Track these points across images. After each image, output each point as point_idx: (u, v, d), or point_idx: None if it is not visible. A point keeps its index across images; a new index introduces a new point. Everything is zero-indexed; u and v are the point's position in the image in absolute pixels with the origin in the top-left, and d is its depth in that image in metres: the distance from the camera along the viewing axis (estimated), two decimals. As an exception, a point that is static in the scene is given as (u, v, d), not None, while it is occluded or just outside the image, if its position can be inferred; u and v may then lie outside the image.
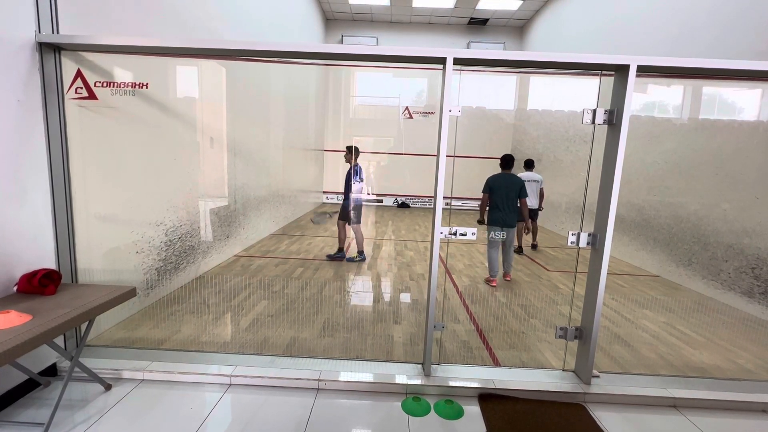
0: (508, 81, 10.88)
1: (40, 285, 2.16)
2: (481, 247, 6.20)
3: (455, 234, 2.48)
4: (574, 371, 2.68)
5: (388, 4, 10.44)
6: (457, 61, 2.32)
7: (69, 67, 2.49)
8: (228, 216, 5.15)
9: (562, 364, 2.83)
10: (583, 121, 2.41)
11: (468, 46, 11.71)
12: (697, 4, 5.35)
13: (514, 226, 4.72)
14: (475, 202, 9.36)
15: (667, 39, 5.86)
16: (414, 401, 2.37)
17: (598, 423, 2.25)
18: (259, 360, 2.69)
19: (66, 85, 2.48)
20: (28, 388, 2.32)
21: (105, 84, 2.59)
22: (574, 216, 7.36)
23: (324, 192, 10.81)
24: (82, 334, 2.25)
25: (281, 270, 4.97)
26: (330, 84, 11.45)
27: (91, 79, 2.54)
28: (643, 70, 2.32)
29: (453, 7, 10.43)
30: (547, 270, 5.54)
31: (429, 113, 10.85)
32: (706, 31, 5.16)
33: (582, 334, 2.60)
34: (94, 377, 2.37)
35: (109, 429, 2.07)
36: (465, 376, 2.57)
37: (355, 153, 5.42)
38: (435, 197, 2.41)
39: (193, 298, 3.95)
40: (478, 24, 11.57)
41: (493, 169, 4.79)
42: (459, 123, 2.48)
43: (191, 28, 4.15)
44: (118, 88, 2.62)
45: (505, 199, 4.54)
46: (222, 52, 2.52)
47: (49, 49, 2.37)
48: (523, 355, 3.04)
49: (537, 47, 10.70)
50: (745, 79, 4.30)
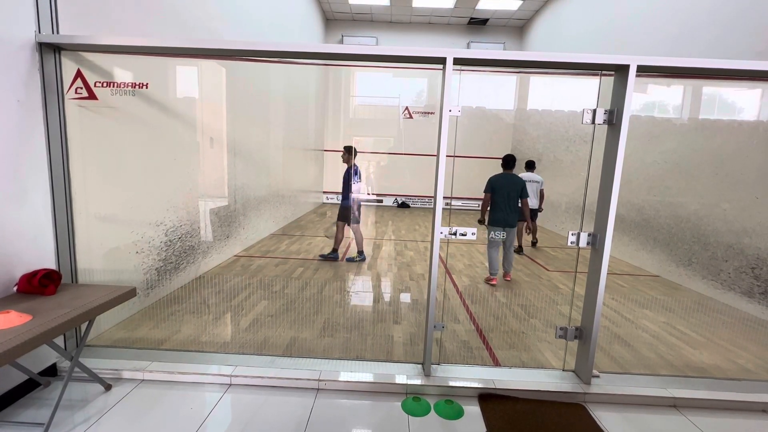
0: (508, 81, 10.89)
1: (40, 285, 2.17)
2: (481, 247, 6.20)
3: (455, 234, 2.48)
4: (574, 371, 2.68)
5: (388, 4, 10.44)
6: (457, 61, 2.32)
7: (69, 67, 2.49)
8: (228, 216, 5.15)
9: (562, 364, 2.83)
10: (583, 121, 2.41)
11: (468, 46, 11.72)
12: (697, 4, 5.35)
13: (515, 226, 4.74)
14: (475, 202, 9.41)
15: (667, 39, 5.86)
16: (414, 401, 2.37)
17: (598, 423, 2.26)
18: (259, 360, 2.69)
19: (66, 85, 2.48)
20: (28, 388, 2.32)
21: (105, 84, 2.59)
22: (574, 216, 7.36)
23: (324, 192, 10.81)
24: (82, 334, 2.25)
25: (281, 270, 4.98)
26: (330, 84, 11.45)
27: (91, 79, 2.54)
28: (643, 70, 2.32)
29: (453, 7, 10.43)
30: (547, 270, 5.54)
31: (429, 113, 10.86)
32: (706, 31, 5.17)
33: (582, 334, 2.60)
34: (94, 377, 2.37)
35: (109, 429, 2.07)
36: (465, 376, 2.57)
37: (354, 153, 5.42)
38: (435, 197, 2.41)
39: (193, 298, 3.95)
40: (478, 24, 11.58)
41: (493, 169, 4.79)
42: (459, 123, 2.48)
43: (191, 28, 4.16)
44: (118, 88, 2.62)
45: (507, 199, 4.55)
46: (222, 52, 2.52)
47: (49, 49, 2.37)
48: (523, 355, 3.04)
49: (537, 47, 10.70)
50: (745, 79, 4.30)
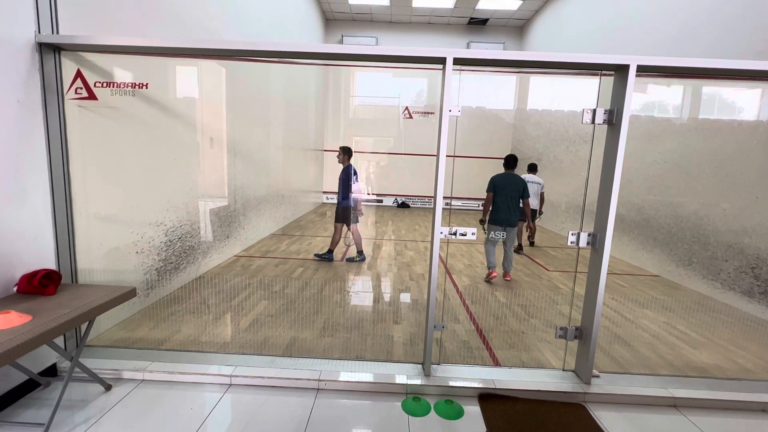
0: (508, 81, 10.89)
1: (40, 285, 2.17)
2: (481, 247, 6.19)
3: (455, 234, 2.48)
4: (574, 371, 2.68)
5: (388, 4, 10.44)
6: (457, 61, 2.32)
7: (69, 68, 2.48)
8: (228, 216, 5.15)
9: (562, 364, 2.83)
10: (583, 121, 2.41)
11: (468, 46, 11.72)
12: (697, 4, 5.35)
13: (516, 226, 4.75)
14: (475, 202, 9.40)
15: (667, 39, 5.86)
16: (414, 401, 2.37)
17: (598, 423, 2.26)
18: (259, 360, 2.69)
19: (66, 86, 2.48)
20: (28, 388, 2.32)
21: (105, 84, 2.59)
22: (574, 216, 7.36)
23: (324, 192, 10.80)
24: (82, 334, 2.25)
25: (281, 270, 4.97)
26: (330, 84, 11.45)
27: (90, 79, 2.54)
28: (643, 70, 2.32)
29: (453, 7, 10.43)
30: (547, 270, 5.54)
31: (429, 113, 10.85)
32: (706, 31, 5.17)
33: (582, 334, 2.60)
34: (94, 377, 2.37)
35: (109, 429, 2.07)
36: (465, 376, 2.57)
37: (350, 153, 5.39)
38: (435, 197, 2.41)
39: (193, 299, 3.95)
40: (478, 24, 11.57)
41: (493, 169, 4.79)
42: (459, 123, 2.48)
43: (191, 28, 4.15)
44: (118, 89, 2.62)
45: (508, 198, 4.57)
46: (222, 52, 2.52)
47: (49, 50, 2.37)
48: (523, 355, 3.04)
49: (537, 47, 10.70)
50: (745, 79, 4.30)
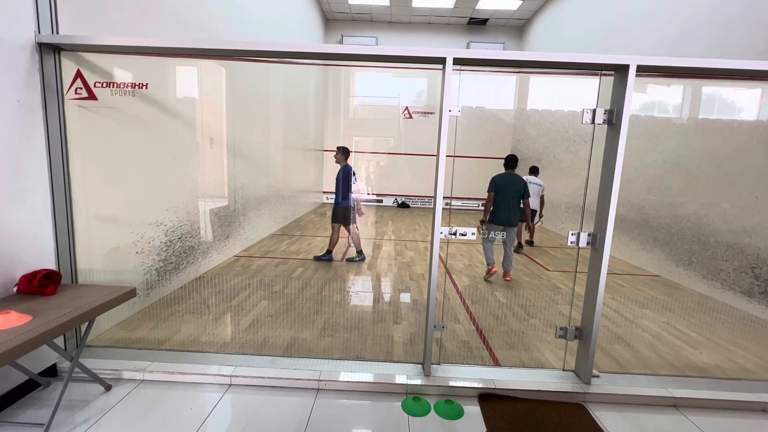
0: (508, 81, 10.89)
1: (40, 285, 2.16)
2: (481, 247, 6.19)
3: (455, 234, 2.48)
4: (574, 371, 2.68)
5: (388, 4, 10.44)
6: (457, 61, 2.32)
7: (69, 68, 2.48)
8: (228, 216, 5.15)
9: (562, 364, 2.83)
10: (583, 121, 2.41)
11: (468, 46, 11.72)
12: (697, 4, 5.36)
13: (516, 225, 4.77)
14: (475, 201, 9.40)
15: (667, 39, 5.86)
16: (414, 401, 2.37)
17: (598, 423, 2.26)
18: (259, 360, 2.69)
19: (66, 86, 2.48)
20: (28, 388, 2.32)
21: (105, 84, 2.59)
22: (574, 216, 7.36)
23: (324, 192, 10.81)
24: (82, 334, 2.25)
25: (281, 270, 4.97)
26: (330, 84, 11.45)
27: (90, 79, 2.54)
28: (643, 70, 2.32)
29: (453, 7, 10.43)
30: (547, 270, 5.54)
31: (429, 113, 10.85)
32: (706, 31, 5.17)
33: (582, 334, 2.60)
34: (94, 378, 2.37)
35: (110, 429, 2.07)
36: (465, 376, 2.57)
37: (347, 153, 5.37)
38: (435, 197, 2.41)
39: (193, 299, 3.95)
40: (478, 24, 11.58)
41: (493, 169, 4.79)
42: (459, 123, 2.48)
43: (191, 28, 4.15)
44: (118, 89, 2.62)
45: (509, 198, 4.59)
46: (222, 52, 2.52)
47: (49, 50, 2.37)
48: (523, 355, 3.04)
49: (537, 47, 10.70)
50: (745, 78, 4.30)
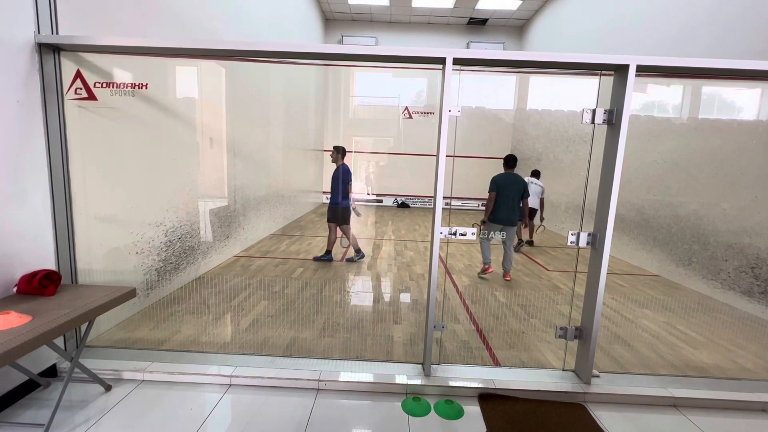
0: (508, 81, 10.88)
1: (39, 286, 2.16)
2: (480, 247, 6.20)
3: (455, 234, 2.48)
4: (574, 371, 2.68)
5: (388, 4, 10.44)
6: (457, 61, 2.32)
7: (68, 68, 2.48)
8: (228, 216, 5.15)
9: (562, 363, 2.83)
10: (583, 121, 2.41)
11: (467, 46, 11.71)
12: (697, 4, 5.35)
13: (516, 225, 4.78)
14: (475, 201, 9.40)
15: (667, 39, 5.86)
16: (414, 401, 2.37)
17: (598, 423, 2.26)
18: (259, 360, 2.69)
19: (65, 86, 2.48)
20: (28, 389, 2.32)
21: (104, 84, 2.59)
22: (574, 216, 7.36)
23: (324, 192, 10.80)
24: (82, 334, 2.25)
25: (281, 270, 4.97)
26: (329, 84, 11.44)
27: (90, 79, 2.54)
28: (643, 70, 2.32)
29: (452, 7, 10.43)
30: (547, 270, 5.54)
31: (428, 113, 10.84)
32: (706, 31, 5.17)
33: (582, 334, 2.60)
34: (94, 378, 2.37)
35: (110, 430, 2.07)
36: (465, 376, 2.57)
37: (343, 153, 5.35)
38: (435, 197, 2.41)
39: (193, 299, 3.95)
40: (478, 24, 11.57)
41: (493, 169, 4.80)
42: (458, 123, 2.48)
43: (191, 28, 4.15)
44: (118, 89, 2.62)
45: (510, 198, 4.60)
46: (222, 52, 2.52)
47: (49, 50, 2.37)
48: (523, 355, 3.04)
49: (537, 47, 10.69)
50: (745, 78, 4.30)
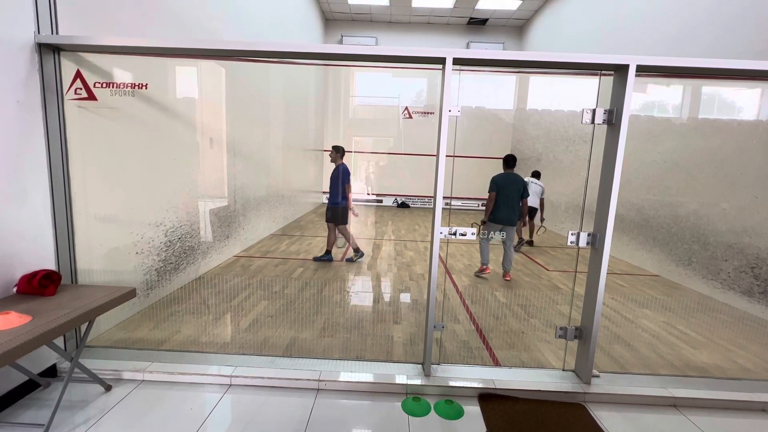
0: (508, 81, 10.88)
1: (39, 286, 2.16)
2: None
3: (455, 234, 2.48)
4: (574, 371, 2.68)
5: (388, 4, 10.44)
6: (457, 61, 2.32)
7: (68, 68, 2.48)
8: (228, 216, 5.15)
9: (562, 363, 2.83)
10: (583, 121, 2.41)
11: (467, 46, 11.71)
12: (697, 4, 5.35)
13: (515, 225, 4.79)
14: (475, 201, 9.40)
15: (667, 39, 5.86)
16: (414, 401, 2.37)
17: (598, 423, 2.26)
18: (259, 360, 2.69)
19: (65, 86, 2.48)
20: (28, 389, 2.32)
21: (104, 85, 2.59)
22: (574, 216, 7.36)
23: (323, 192, 10.79)
24: (82, 334, 2.25)
25: (281, 270, 4.97)
26: (329, 84, 11.44)
27: (90, 79, 2.54)
28: (643, 70, 2.32)
29: (452, 7, 10.43)
30: (547, 270, 5.54)
31: (428, 113, 10.84)
32: (706, 31, 5.17)
33: (582, 334, 2.60)
34: (94, 378, 2.37)
35: (110, 430, 2.07)
36: (465, 376, 2.57)
37: (342, 152, 5.35)
38: (435, 197, 2.41)
39: (193, 299, 3.95)
40: (478, 24, 11.57)
41: (493, 169, 4.80)
42: (458, 123, 2.48)
43: (191, 28, 4.15)
44: (118, 89, 2.62)
45: (510, 198, 4.61)
46: (222, 52, 2.52)
47: (49, 50, 2.37)
48: (523, 355, 3.04)
49: (536, 47, 10.69)
50: (745, 78, 4.30)
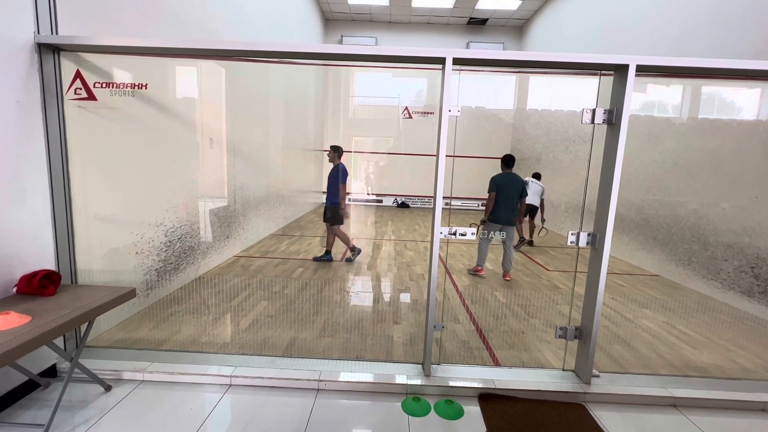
0: (508, 81, 10.89)
1: (39, 286, 2.16)
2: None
3: (455, 234, 2.48)
4: (574, 371, 2.68)
5: (388, 4, 10.44)
6: (457, 61, 2.32)
7: (68, 68, 2.48)
8: (227, 216, 5.15)
9: (562, 363, 2.83)
10: (583, 121, 2.41)
11: (467, 46, 11.71)
12: (697, 4, 5.35)
13: (515, 224, 4.80)
14: (475, 201, 9.40)
15: (667, 39, 5.86)
16: (414, 401, 2.37)
17: (598, 423, 2.26)
18: (259, 360, 2.69)
19: (65, 86, 2.48)
20: (28, 389, 2.32)
21: (104, 85, 2.59)
22: (573, 216, 7.36)
23: (323, 192, 10.79)
24: (82, 335, 2.25)
25: (281, 270, 4.97)
26: (329, 84, 11.44)
27: (90, 79, 2.54)
28: (643, 70, 2.31)
29: (452, 6, 10.43)
30: (547, 270, 5.54)
31: (428, 113, 10.85)
32: (706, 30, 5.17)
33: (582, 334, 2.60)
34: (94, 378, 2.37)
35: (109, 430, 2.07)
36: (465, 376, 2.57)
37: (340, 152, 5.33)
38: (435, 197, 2.41)
39: (193, 299, 3.95)
40: (478, 24, 11.57)
41: (493, 169, 4.80)
42: (458, 123, 2.48)
43: (191, 28, 4.15)
44: (118, 89, 2.62)
45: (509, 197, 4.62)
46: (222, 52, 2.52)
47: (48, 50, 2.37)
48: (523, 355, 3.04)
49: (536, 47, 10.69)
50: (745, 78, 4.30)
